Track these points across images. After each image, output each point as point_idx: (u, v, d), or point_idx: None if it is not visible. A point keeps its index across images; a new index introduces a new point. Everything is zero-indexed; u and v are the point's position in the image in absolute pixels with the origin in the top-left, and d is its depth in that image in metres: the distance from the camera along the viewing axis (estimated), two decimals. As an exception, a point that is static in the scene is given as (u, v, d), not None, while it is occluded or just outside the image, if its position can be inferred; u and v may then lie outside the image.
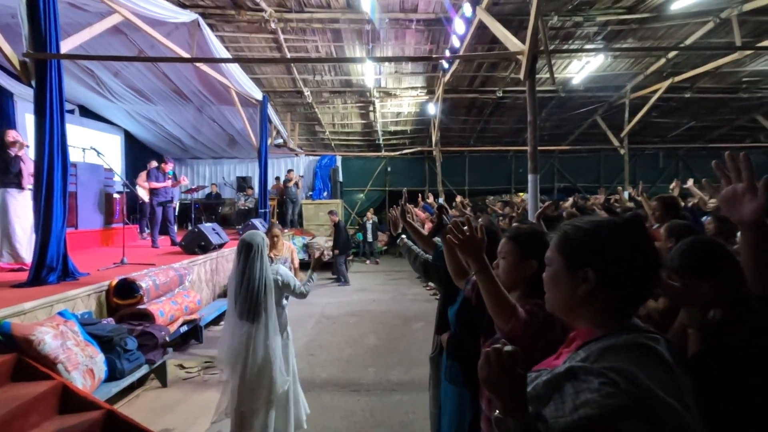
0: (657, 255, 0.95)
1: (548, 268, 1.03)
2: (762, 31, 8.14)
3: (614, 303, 0.93)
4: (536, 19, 4.47)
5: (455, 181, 13.78)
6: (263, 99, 9.07)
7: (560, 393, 0.84)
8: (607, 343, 0.87)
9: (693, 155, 14.20)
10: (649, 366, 0.81)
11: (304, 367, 4.49)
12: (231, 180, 13.22)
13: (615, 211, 4.39)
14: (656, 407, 0.76)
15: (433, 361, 2.50)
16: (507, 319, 1.33)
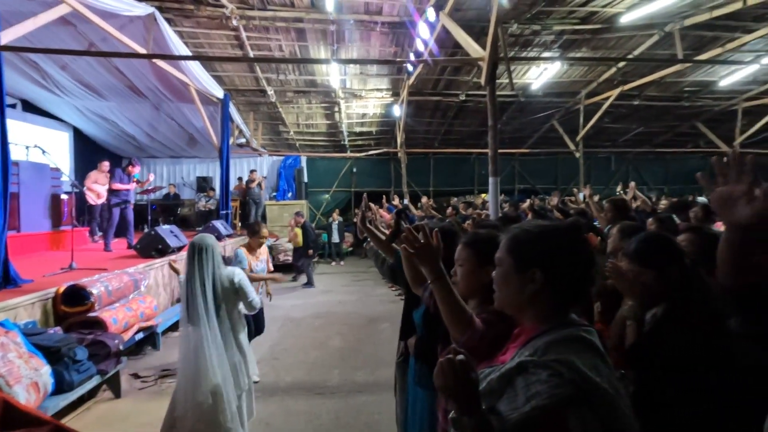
0: (593, 257, 1.06)
1: (498, 269, 1.10)
2: (701, 44, 8.77)
3: (557, 300, 1.01)
4: (496, 27, 4.62)
5: (420, 182, 13.95)
6: (225, 97, 8.83)
7: (512, 387, 0.91)
8: (551, 337, 0.95)
9: (641, 159, 15.10)
10: (587, 356, 0.90)
11: (268, 372, 4.42)
12: (190, 180, 12.78)
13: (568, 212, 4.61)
14: (595, 393, 0.85)
15: (399, 367, 2.47)
16: (463, 331, 1.32)
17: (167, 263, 3.14)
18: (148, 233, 6.28)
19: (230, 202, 9.33)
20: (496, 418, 0.89)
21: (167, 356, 4.71)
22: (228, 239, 8.16)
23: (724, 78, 10.38)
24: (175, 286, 6.17)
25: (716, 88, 10.97)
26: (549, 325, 0.98)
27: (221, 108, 8.87)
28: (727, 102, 11.96)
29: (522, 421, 0.85)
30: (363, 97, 11.01)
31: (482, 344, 1.30)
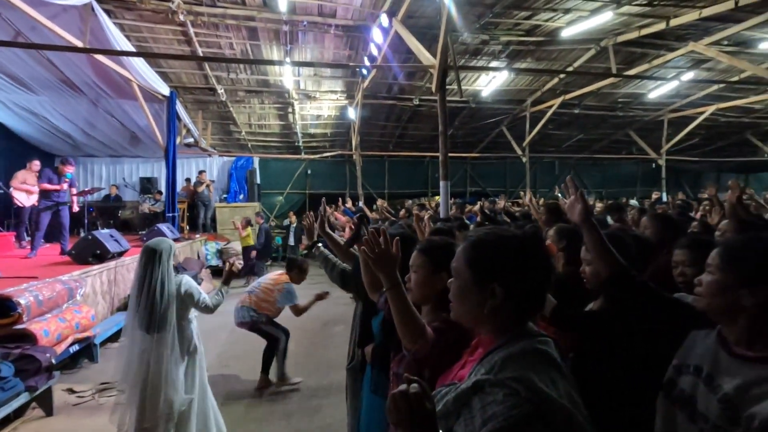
0: (552, 267, 1.04)
1: (456, 280, 1.04)
2: (631, 60, 9.54)
3: (516, 314, 0.98)
4: (445, 36, 4.79)
5: (375, 185, 14.05)
6: (171, 95, 8.43)
7: (469, 408, 0.87)
8: (507, 352, 0.92)
9: (582, 164, 16.11)
10: (544, 370, 0.88)
11: (218, 380, 4.28)
12: (133, 181, 12.07)
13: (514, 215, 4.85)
14: (552, 410, 0.82)
15: (350, 372, 2.45)
16: (415, 340, 1.31)
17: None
18: (85, 238, 5.87)
19: (177, 204, 8.92)
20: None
21: (106, 369, 4.43)
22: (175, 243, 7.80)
23: (652, 91, 11.33)
24: (116, 294, 5.82)
25: (646, 100, 11.96)
26: (506, 337, 0.96)
27: (167, 106, 8.45)
28: (655, 113, 13.07)
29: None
30: (317, 98, 10.94)
31: (434, 353, 1.31)
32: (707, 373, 1.16)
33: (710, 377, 1.15)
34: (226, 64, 9.06)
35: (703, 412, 1.13)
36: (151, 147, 10.52)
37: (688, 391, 1.20)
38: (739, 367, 1.10)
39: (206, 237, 10.34)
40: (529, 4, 7.10)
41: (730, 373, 1.11)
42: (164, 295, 2.47)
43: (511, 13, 7.42)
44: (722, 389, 1.10)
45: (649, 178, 16.04)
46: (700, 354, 1.23)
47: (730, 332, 1.16)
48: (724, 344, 1.17)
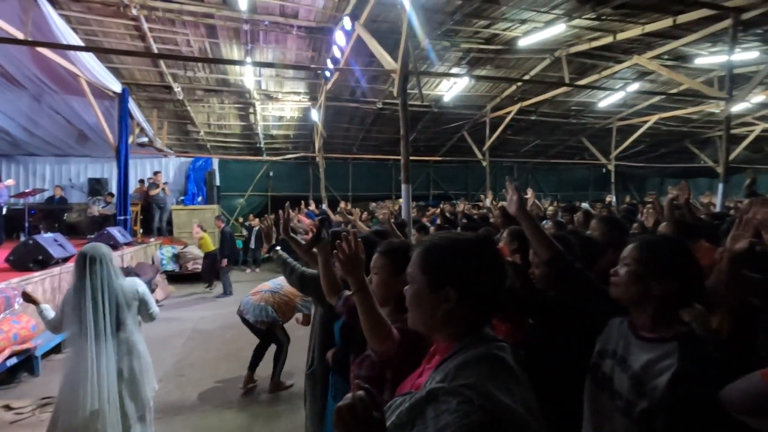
0: (506, 270, 1.03)
1: (411, 286, 1.04)
2: (583, 70, 10.06)
3: (471, 319, 0.97)
4: (406, 42, 4.87)
5: (339, 187, 14.01)
6: (123, 92, 8.05)
7: (422, 418, 0.84)
8: (462, 359, 0.91)
9: (539, 168, 16.78)
10: (499, 377, 0.87)
11: (172, 390, 4.13)
12: (81, 182, 11.38)
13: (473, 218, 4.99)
14: (507, 419, 0.81)
15: (309, 378, 2.44)
16: (382, 342, 1.32)
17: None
18: (25, 242, 5.49)
19: (129, 206, 8.51)
20: None
21: (48, 383, 4.16)
22: (127, 248, 7.45)
23: (602, 100, 11.99)
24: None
25: (596, 108, 12.64)
26: (462, 343, 0.95)
27: (118, 103, 8.06)
28: (604, 121, 13.83)
29: None
30: (280, 99, 10.78)
31: (399, 354, 1.34)
32: (621, 355, 1.33)
33: (623, 359, 1.31)
34: (184, 61, 8.75)
35: (618, 389, 1.28)
36: (100, 146, 9.97)
37: (608, 373, 1.35)
38: (644, 347, 1.27)
39: (161, 241, 9.92)
40: (488, 14, 7.34)
41: (637, 353, 1.28)
42: (116, 301, 2.38)
43: (470, 22, 7.64)
44: (632, 368, 1.26)
45: (600, 182, 16.96)
46: (615, 338, 1.39)
47: (638, 318, 1.33)
48: (633, 329, 1.34)
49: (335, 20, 7.45)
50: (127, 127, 8.29)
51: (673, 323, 1.28)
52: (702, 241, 2.45)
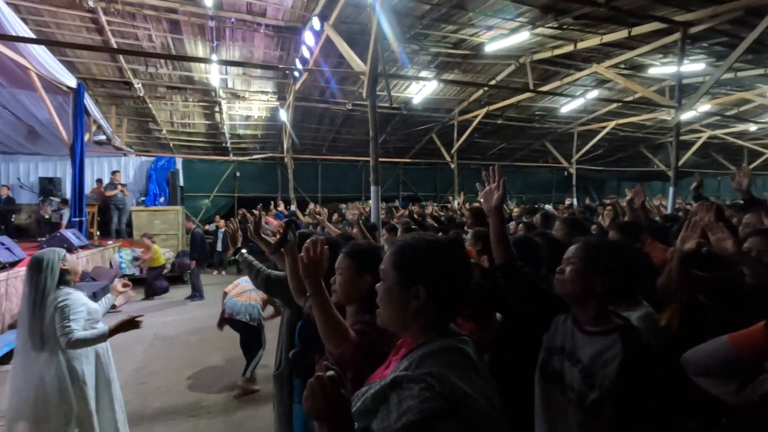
0: (472, 271, 1.10)
1: (383, 283, 1.09)
2: (546, 76, 10.43)
3: (438, 315, 1.03)
4: (375, 44, 4.89)
5: (308, 188, 13.86)
6: (78, 87, 7.65)
7: (386, 404, 0.89)
8: (426, 349, 0.97)
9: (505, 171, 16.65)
10: (461, 367, 0.93)
11: (132, 399, 3.96)
12: (31, 182, 10.72)
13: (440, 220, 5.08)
14: (466, 405, 0.86)
15: (277, 379, 2.42)
16: (338, 343, 1.36)
17: None
18: (-33, 246, 5.12)
19: (85, 207, 8.09)
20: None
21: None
22: (82, 251, 7.08)
23: (564, 106, 12.47)
24: (7, 309, 5.14)
25: (558, 113, 13.12)
26: (427, 336, 1.01)
27: (73, 99, 7.65)
28: (566, 126, 14.38)
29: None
30: (247, 98, 10.56)
31: (357, 356, 1.36)
32: (569, 350, 1.40)
33: (572, 353, 1.39)
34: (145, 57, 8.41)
35: (569, 383, 1.36)
36: (53, 144, 9.44)
37: (558, 369, 1.42)
38: (589, 341, 1.36)
39: (120, 243, 9.49)
40: (456, 19, 7.48)
41: (584, 347, 1.36)
42: (43, 311, 2.25)
43: (439, 26, 7.76)
44: (581, 361, 1.34)
45: (562, 184, 17.61)
46: (561, 335, 1.46)
47: (582, 313, 1.41)
48: (578, 324, 1.42)
49: (304, 20, 7.38)
50: (83, 124, 7.88)
51: (611, 317, 1.38)
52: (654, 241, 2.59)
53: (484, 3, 6.80)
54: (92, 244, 8.19)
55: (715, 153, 17.71)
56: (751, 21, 6.22)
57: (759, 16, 5.94)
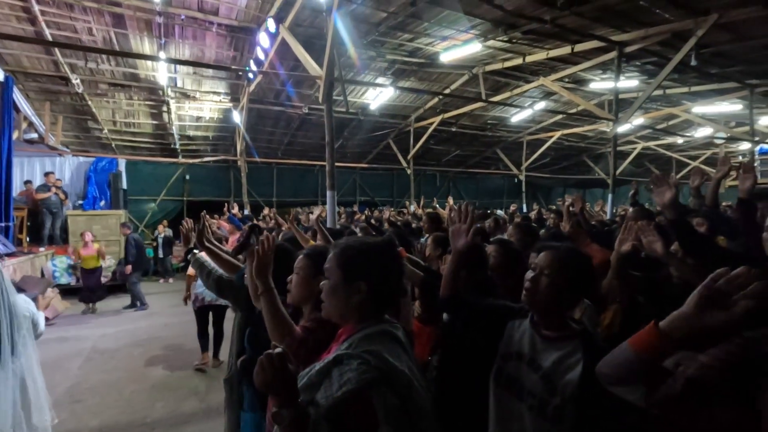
0: (403, 268, 1.29)
1: (328, 280, 1.21)
2: (497, 87, 10.86)
3: (375, 306, 1.19)
4: (332, 49, 4.89)
5: (263, 192, 13.52)
6: (7, 80, 7.05)
7: (329, 378, 1.03)
8: (364, 332, 1.13)
9: (459, 177, 17.72)
10: (392, 346, 1.10)
11: (67, 418, 3.67)
12: (-52, 182, 9.66)
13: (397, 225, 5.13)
14: (395, 376, 1.03)
15: (227, 383, 2.40)
16: (282, 338, 1.45)
17: None
18: None
19: (12, 211, 7.42)
20: (313, 408, 0.99)
21: None
22: (9, 258, 6.48)
23: (514, 116, 13.04)
24: None
25: (509, 123, 13.70)
26: (365, 323, 1.16)
27: (1, 93, 7.03)
28: (516, 135, 15.05)
29: (335, 404, 0.97)
30: (198, 98, 10.16)
31: (300, 351, 1.43)
32: (529, 356, 1.40)
33: (532, 359, 1.39)
34: (85, 51, 7.87)
35: (530, 389, 1.35)
36: (-25, 141, 8.58)
37: (513, 375, 1.42)
38: (550, 347, 1.36)
39: (54, 250, 8.78)
40: (411, 28, 7.63)
41: (545, 353, 1.36)
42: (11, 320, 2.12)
43: (395, 34, 7.88)
44: (542, 367, 1.34)
45: (513, 191, 18.36)
46: (517, 341, 1.46)
47: (543, 320, 1.42)
48: (537, 330, 1.42)
49: (259, 21, 7.23)
50: (11, 120, 7.26)
51: (569, 321, 1.40)
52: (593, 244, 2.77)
53: (438, 14, 6.99)
54: (21, 251, 7.53)
55: (648, 163, 19.23)
56: (677, 44, 6.85)
57: (683, 39, 6.55)
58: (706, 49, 7.36)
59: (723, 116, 12.47)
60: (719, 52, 7.71)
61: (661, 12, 6.31)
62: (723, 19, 6.08)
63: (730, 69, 8.67)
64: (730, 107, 11.07)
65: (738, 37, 7.05)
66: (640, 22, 6.84)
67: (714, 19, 6.02)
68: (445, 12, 6.87)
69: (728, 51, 7.71)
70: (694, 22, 6.26)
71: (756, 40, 7.09)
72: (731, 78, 9.14)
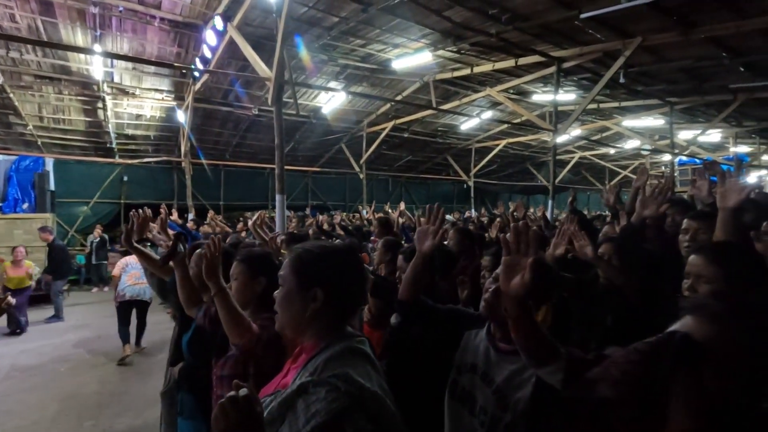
0: (366, 275, 1.17)
1: (282, 288, 1.10)
2: (447, 95, 11.19)
3: (335, 316, 1.07)
4: (282, 50, 4.81)
5: (209, 196, 12.96)
6: None
7: (293, 410, 0.90)
8: (329, 353, 1.00)
9: (411, 182, 18.02)
10: (360, 365, 0.98)
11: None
12: None
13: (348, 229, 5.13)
14: (367, 399, 0.91)
15: (165, 396, 2.31)
16: (242, 334, 1.44)
17: None
18: None
19: None
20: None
21: None
22: None
23: (463, 123, 13.48)
24: None
25: (459, 130, 14.15)
26: (327, 341, 1.04)
27: None
28: (465, 142, 15.57)
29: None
30: (137, 95, 9.58)
31: (259, 347, 1.45)
32: (483, 370, 1.37)
33: (485, 374, 1.35)
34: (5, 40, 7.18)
35: (482, 405, 1.32)
36: None
37: (468, 388, 1.39)
38: (504, 360, 1.33)
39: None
40: (363, 34, 7.68)
41: (499, 367, 1.33)
42: None
43: (347, 39, 7.89)
44: (495, 382, 1.31)
45: (462, 196, 18.95)
46: (472, 353, 1.44)
47: (500, 331, 1.37)
48: (493, 342, 1.39)
49: (205, 18, 6.98)
50: None
51: None
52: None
53: (390, 22, 7.10)
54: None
55: (585, 171, 20.62)
56: (608, 62, 7.43)
57: (613, 58, 7.12)
58: (633, 69, 8.04)
59: (648, 130, 13.66)
60: (644, 71, 8.45)
61: (593, 32, 6.81)
62: (646, 42, 6.67)
63: (653, 87, 9.52)
64: (655, 122, 12.15)
65: (659, 59, 7.77)
66: (576, 41, 7.35)
67: (639, 42, 6.60)
68: (397, 20, 6.99)
69: (651, 71, 8.48)
70: (622, 44, 6.82)
71: (674, 62, 7.85)
72: (654, 95, 10.04)
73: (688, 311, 0.79)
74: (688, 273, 1.41)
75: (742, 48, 6.99)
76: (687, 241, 1.96)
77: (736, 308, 0.77)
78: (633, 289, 1.99)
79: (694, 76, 8.67)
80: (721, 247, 1.40)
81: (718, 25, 6.03)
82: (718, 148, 15.95)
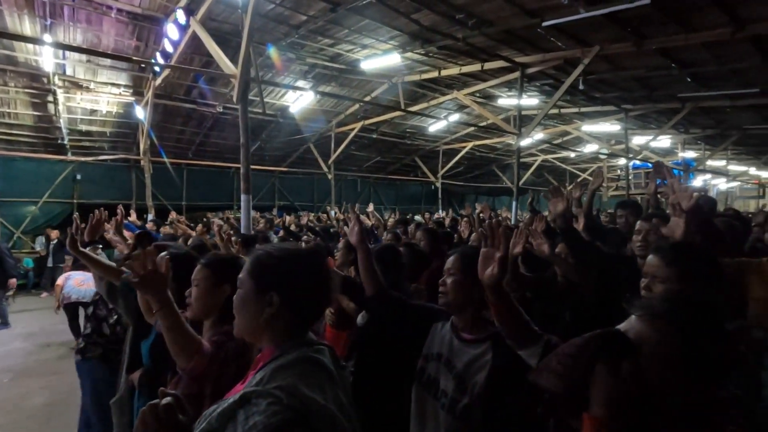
0: (330, 281, 1.10)
1: (239, 291, 1.07)
2: (415, 97, 11.31)
3: (293, 323, 1.03)
4: (247, 48, 4.71)
5: (170, 195, 12.44)
6: None
7: (233, 421, 0.84)
8: (280, 362, 0.95)
9: (379, 183, 18.06)
10: (313, 376, 0.92)
11: None
12: None
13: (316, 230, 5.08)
14: (315, 413, 0.85)
15: (116, 406, 2.18)
16: (189, 358, 1.31)
17: None
18: None
19: None
20: None
21: None
22: None
23: (431, 125, 13.66)
24: None
25: (427, 132, 14.32)
26: (283, 347, 0.99)
27: None
28: (433, 144, 15.77)
29: None
30: (92, 90, 9.10)
31: (213, 368, 1.32)
32: (446, 357, 1.47)
33: (448, 360, 1.45)
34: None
35: (444, 389, 1.42)
36: None
37: (433, 375, 1.48)
38: (465, 348, 1.44)
39: None
40: (332, 34, 7.64)
41: (460, 354, 1.43)
42: None
43: (315, 38, 7.82)
44: (456, 368, 1.41)
45: (430, 197, 19.17)
46: (438, 343, 1.53)
47: (460, 321, 1.49)
48: (456, 332, 1.50)
49: (167, 11, 6.73)
50: None
51: (486, 324, 1.46)
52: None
53: (358, 22, 7.09)
54: None
55: (547, 174, 21.35)
56: (568, 69, 7.73)
57: (574, 66, 7.42)
58: (591, 76, 8.41)
59: (605, 135, 14.32)
60: (601, 79, 8.86)
61: (554, 40, 7.07)
62: (604, 51, 7.00)
63: (610, 94, 10.00)
64: (611, 127, 12.76)
65: (616, 68, 8.17)
66: (539, 48, 7.61)
67: (596, 51, 6.91)
68: (365, 21, 7.00)
69: (608, 79, 8.90)
70: (581, 52, 7.12)
71: (629, 71, 8.27)
72: (611, 102, 10.54)
73: (633, 310, 0.85)
74: (646, 273, 1.48)
75: (689, 60, 7.46)
76: (639, 241, 2.07)
77: (678, 309, 0.84)
78: (589, 286, 2.08)
79: (647, 85, 9.17)
80: (676, 248, 1.47)
81: (668, 38, 6.41)
82: (668, 153, 16.93)
